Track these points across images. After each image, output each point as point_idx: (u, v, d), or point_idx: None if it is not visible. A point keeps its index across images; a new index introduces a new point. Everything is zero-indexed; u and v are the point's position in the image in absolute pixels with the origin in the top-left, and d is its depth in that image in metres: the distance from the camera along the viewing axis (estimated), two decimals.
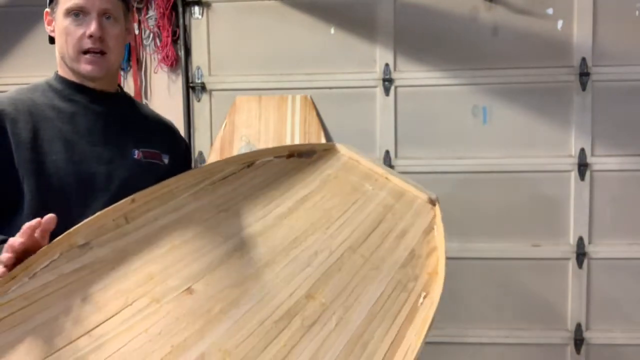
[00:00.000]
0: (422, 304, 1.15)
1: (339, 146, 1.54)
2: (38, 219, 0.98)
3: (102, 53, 1.28)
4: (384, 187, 1.47)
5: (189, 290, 0.98)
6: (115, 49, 1.30)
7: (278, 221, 1.21)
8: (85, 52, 1.26)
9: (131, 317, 0.91)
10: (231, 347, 0.91)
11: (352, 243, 1.23)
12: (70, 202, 1.19)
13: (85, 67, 1.27)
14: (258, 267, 1.08)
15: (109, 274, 0.97)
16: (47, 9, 1.32)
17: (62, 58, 1.30)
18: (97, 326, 0.89)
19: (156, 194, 1.15)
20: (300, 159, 1.43)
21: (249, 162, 1.33)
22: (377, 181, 1.48)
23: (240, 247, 1.11)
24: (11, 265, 0.95)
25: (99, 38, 1.25)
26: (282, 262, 1.11)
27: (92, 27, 1.24)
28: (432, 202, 1.50)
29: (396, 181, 1.51)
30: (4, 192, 1.19)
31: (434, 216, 1.46)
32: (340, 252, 1.19)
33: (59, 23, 1.27)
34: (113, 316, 0.91)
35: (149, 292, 0.96)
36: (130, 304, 0.93)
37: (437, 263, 1.29)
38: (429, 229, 1.40)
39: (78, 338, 0.86)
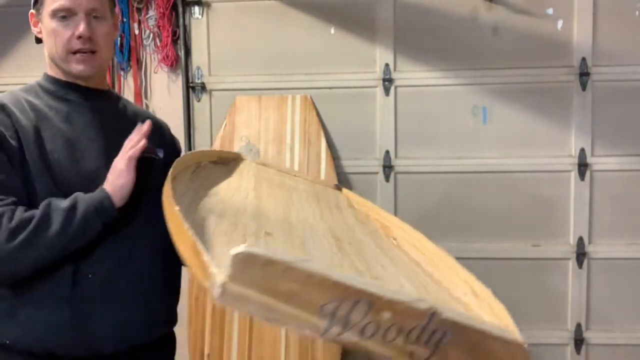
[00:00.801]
0: (397, 245, 1.38)
1: (244, 155, 1.82)
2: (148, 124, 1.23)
3: (92, 52, 1.27)
4: (298, 181, 1.72)
5: (268, 233, 1.06)
6: (105, 47, 1.31)
7: (258, 201, 1.34)
8: (75, 52, 1.26)
9: (257, 243, 0.97)
10: (336, 262, 1.01)
11: (319, 213, 1.42)
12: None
13: (77, 67, 1.27)
14: (287, 225, 1.21)
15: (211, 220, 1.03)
16: (32, 10, 1.31)
17: (52, 59, 1.30)
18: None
19: (177, 172, 1.25)
20: (223, 165, 1.60)
21: (197, 162, 1.51)
22: (290, 178, 1.73)
23: (259, 214, 1.23)
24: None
25: (88, 38, 1.25)
26: (295, 222, 1.25)
27: (81, 28, 1.24)
28: (339, 188, 1.79)
29: (304, 177, 1.78)
30: (21, 190, 1.19)
31: (346, 197, 1.74)
32: (319, 218, 1.37)
33: (45, 24, 1.27)
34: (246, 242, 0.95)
35: (247, 233, 1.02)
36: (246, 241, 0.98)
37: (381, 221, 1.55)
38: (350, 205, 1.67)
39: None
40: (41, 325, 1.19)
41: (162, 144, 1.42)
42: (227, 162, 1.64)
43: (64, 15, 1.24)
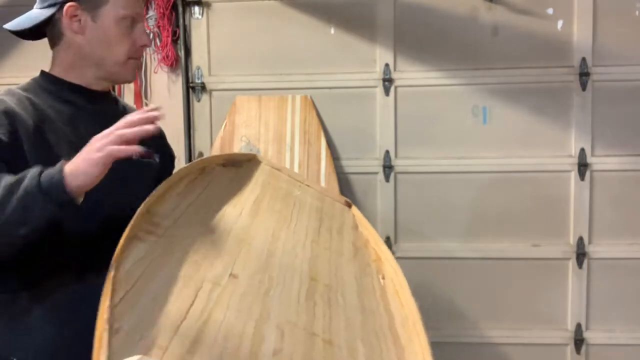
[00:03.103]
0: (384, 284, 1.35)
1: (259, 157, 1.76)
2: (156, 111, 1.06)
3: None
4: (308, 192, 1.67)
5: (233, 275, 1.06)
6: None
7: (251, 220, 1.34)
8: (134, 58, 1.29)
9: (209, 296, 0.97)
10: (293, 320, 1.02)
11: (312, 238, 1.40)
12: (79, 206, 1.12)
13: (132, 76, 1.32)
14: (265, 257, 1.20)
15: (167, 262, 1.02)
16: (73, 3, 1.22)
17: (98, 62, 1.26)
18: (192, 305, 0.93)
19: (164, 190, 1.23)
20: (233, 167, 1.58)
21: (201, 167, 1.46)
22: (300, 187, 1.68)
23: (242, 241, 1.21)
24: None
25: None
26: (277, 252, 1.24)
27: (146, 39, 1.28)
28: (348, 205, 1.72)
29: (315, 187, 1.72)
30: None
31: (354, 216, 1.67)
32: (309, 245, 1.35)
33: (105, 26, 1.23)
34: (197, 296, 0.96)
35: (207, 278, 1.02)
36: (201, 287, 0.99)
37: (376, 252, 1.51)
38: (355, 226, 1.61)
39: (188, 311, 0.91)
40: (43, 340, 1.16)
41: (158, 148, 1.36)
42: (238, 164, 1.62)
43: (131, 22, 1.26)
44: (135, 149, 1.01)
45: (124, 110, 1.41)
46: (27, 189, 0.97)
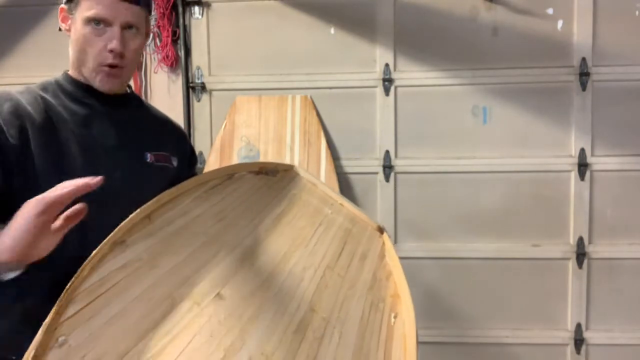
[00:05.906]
0: (394, 323, 1.22)
1: (297, 168, 1.65)
2: (88, 182, 0.94)
3: (119, 67, 1.24)
4: (340, 212, 1.58)
5: (219, 295, 1.01)
6: (133, 61, 1.27)
7: (266, 235, 1.27)
8: (104, 65, 1.23)
9: (181, 318, 0.94)
10: (269, 352, 0.95)
11: (328, 262, 1.31)
12: (88, 208, 1.11)
13: (102, 85, 1.24)
14: (265, 278, 1.13)
15: (150, 274, 0.99)
16: (64, 5, 1.26)
17: (79, 64, 1.26)
18: (155, 327, 0.91)
19: (173, 195, 1.18)
20: (267, 176, 1.52)
21: (229, 174, 1.40)
22: (333, 206, 1.59)
23: (246, 257, 1.15)
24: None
25: (119, 53, 1.22)
26: (281, 274, 1.17)
27: (114, 44, 1.21)
28: (380, 231, 1.62)
29: (349, 208, 1.61)
30: (24, 195, 1.08)
31: (383, 244, 1.56)
32: (322, 269, 1.26)
33: (77, 28, 1.23)
34: (165, 317, 0.93)
35: (189, 295, 0.98)
36: (177, 306, 0.95)
37: (396, 287, 1.38)
38: (382, 255, 1.50)
39: (150, 332, 0.89)
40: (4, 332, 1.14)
41: (177, 152, 1.38)
42: (274, 173, 1.55)
43: (98, 22, 1.21)
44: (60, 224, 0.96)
45: (145, 113, 1.39)
46: None
